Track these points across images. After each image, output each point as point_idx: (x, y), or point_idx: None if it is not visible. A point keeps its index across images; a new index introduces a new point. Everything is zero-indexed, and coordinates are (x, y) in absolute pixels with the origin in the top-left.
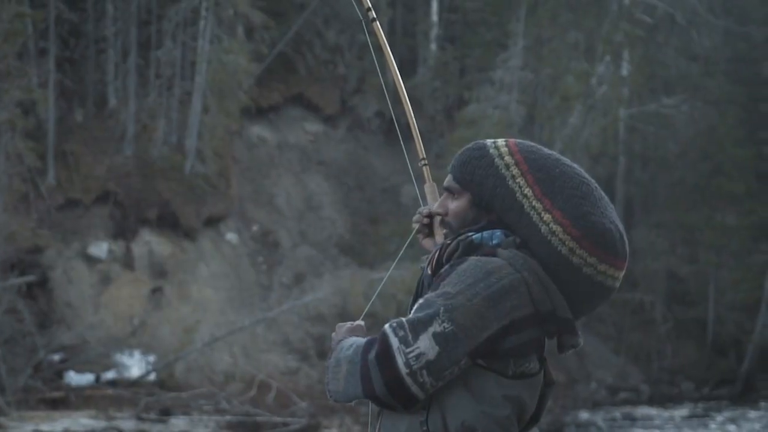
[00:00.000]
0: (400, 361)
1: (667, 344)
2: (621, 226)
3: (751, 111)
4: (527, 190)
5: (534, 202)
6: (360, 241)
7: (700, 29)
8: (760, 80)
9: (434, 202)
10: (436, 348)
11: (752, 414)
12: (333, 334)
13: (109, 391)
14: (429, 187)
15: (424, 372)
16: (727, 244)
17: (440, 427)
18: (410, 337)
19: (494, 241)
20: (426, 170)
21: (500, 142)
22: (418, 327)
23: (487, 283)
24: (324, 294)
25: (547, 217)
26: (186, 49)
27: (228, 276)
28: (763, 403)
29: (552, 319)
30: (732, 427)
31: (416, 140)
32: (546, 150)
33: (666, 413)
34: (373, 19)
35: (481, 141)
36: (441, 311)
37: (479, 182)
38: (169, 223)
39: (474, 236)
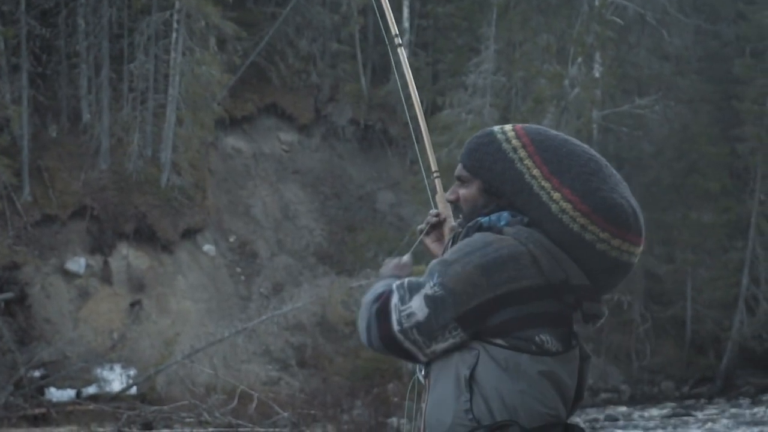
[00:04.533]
0: (393, 318)
1: (646, 344)
2: (634, 202)
3: (724, 109)
4: (535, 171)
5: (543, 182)
6: (337, 249)
7: (671, 29)
8: (732, 78)
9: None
10: (426, 310)
11: (732, 411)
12: (381, 268)
13: (91, 406)
14: (440, 197)
15: (414, 331)
16: (703, 242)
17: (485, 411)
18: (407, 297)
19: (502, 222)
20: (438, 182)
21: (507, 126)
22: (413, 288)
23: (484, 252)
24: (303, 303)
25: (556, 195)
26: (159, 62)
27: (206, 288)
28: (743, 400)
29: (567, 288)
30: (712, 425)
31: (430, 155)
32: (553, 132)
33: (647, 413)
34: (399, 45)
35: (489, 128)
36: (435, 276)
37: (488, 167)
38: (146, 237)
39: (482, 219)
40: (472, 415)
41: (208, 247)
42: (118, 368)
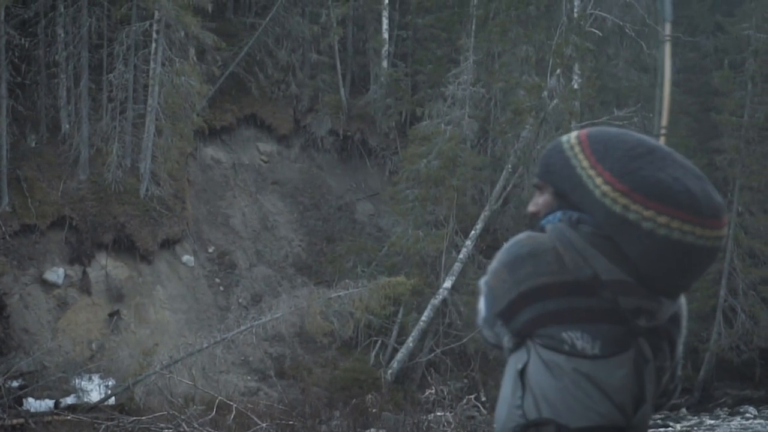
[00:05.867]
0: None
1: None
2: (693, 183)
3: (702, 120)
4: (584, 162)
5: (589, 171)
6: (316, 259)
7: (650, 40)
8: (711, 90)
9: None
10: (481, 307)
11: (710, 422)
12: None
13: (69, 417)
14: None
15: (482, 324)
16: None
17: (533, 407)
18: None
19: (554, 220)
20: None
21: (575, 131)
22: (480, 290)
23: (510, 250)
24: (282, 313)
25: (598, 180)
26: (138, 72)
27: (185, 298)
28: (720, 412)
29: (598, 283)
30: None
31: (664, 111)
32: (617, 129)
33: None
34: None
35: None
36: (486, 278)
37: (553, 171)
38: (125, 247)
39: (543, 222)
40: (522, 411)
41: (187, 258)
42: (96, 378)
